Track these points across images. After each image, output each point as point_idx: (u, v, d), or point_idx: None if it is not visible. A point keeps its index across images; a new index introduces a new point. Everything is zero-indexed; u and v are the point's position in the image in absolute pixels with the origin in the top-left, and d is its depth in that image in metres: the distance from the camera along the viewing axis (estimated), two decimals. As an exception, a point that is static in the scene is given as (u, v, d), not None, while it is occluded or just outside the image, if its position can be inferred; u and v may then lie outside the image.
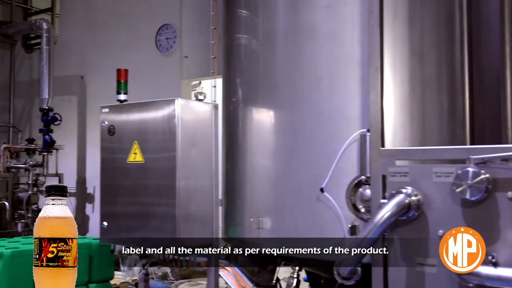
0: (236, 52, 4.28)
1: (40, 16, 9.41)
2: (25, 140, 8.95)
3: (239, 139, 4.19)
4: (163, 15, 8.01)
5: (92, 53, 8.98)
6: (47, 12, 9.71)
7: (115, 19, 8.70)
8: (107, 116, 4.04)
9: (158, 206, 3.76)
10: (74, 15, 9.34)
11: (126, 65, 6.78)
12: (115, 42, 8.65)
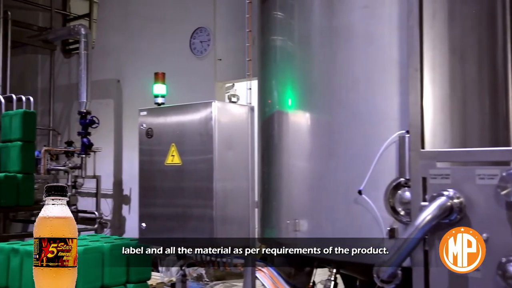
0: (272, 54, 4.28)
1: (78, 22, 9.65)
2: (64, 143, 9.17)
3: (275, 141, 4.19)
4: (197, 18, 8.09)
5: (128, 57, 9.14)
6: (85, 17, 9.95)
7: (150, 24, 8.84)
8: (145, 119, 4.10)
9: (195, 208, 3.79)
10: (111, 21, 9.53)
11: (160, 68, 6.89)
12: (150, 46, 8.78)
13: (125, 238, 5.76)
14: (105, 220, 8.84)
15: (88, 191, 9.03)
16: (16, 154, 6.68)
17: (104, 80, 9.31)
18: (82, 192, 8.94)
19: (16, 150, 6.69)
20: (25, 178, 6.66)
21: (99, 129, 8.54)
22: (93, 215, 8.74)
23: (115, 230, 8.97)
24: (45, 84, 10.24)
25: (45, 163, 8.44)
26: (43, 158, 8.41)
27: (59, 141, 9.60)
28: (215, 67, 7.95)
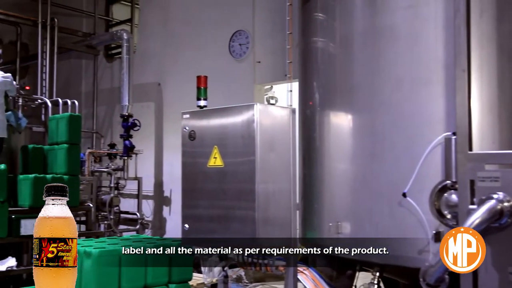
0: (313, 56, 4.28)
1: (121, 27, 9.87)
2: (107, 145, 9.38)
3: (316, 143, 4.18)
4: (236, 21, 8.14)
5: (168, 60, 9.29)
6: (126, 23, 10.17)
7: (190, 27, 8.96)
8: (188, 121, 4.15)
9: (237, 210, 3.82)
10: (152, 25, 9.71)
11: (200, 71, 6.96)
12: (189, 50, 8.90)
13: (167, 238, 5.84)
14: (146, 221, 8.99)
15: (130, 193, 9.21)
16: (62, 156, 6.86)
17: (145, 84, 9.49)
18: (124, 193, 9.12)
19: (62, 153, 6.87)
20: (71, 179, 6.82)
21: (141, 131, 8.70)
22: (135, 216, 8.90)
23: (156, 231, 9.12)
24: (89, 88, 10.51)
25: (89, 165, 8.65)
26: (88, 160, 8.63)
27: (102, 144, 9.83)
28: (254, 70, 7.98)
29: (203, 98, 4.43)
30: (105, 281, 4.75)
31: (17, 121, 7.06)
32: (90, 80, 10.43)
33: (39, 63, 9.03)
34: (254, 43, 7.95)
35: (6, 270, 5.90)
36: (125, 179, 8.74)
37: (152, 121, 9.43)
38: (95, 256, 4.73)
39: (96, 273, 4.71)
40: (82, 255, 4.83)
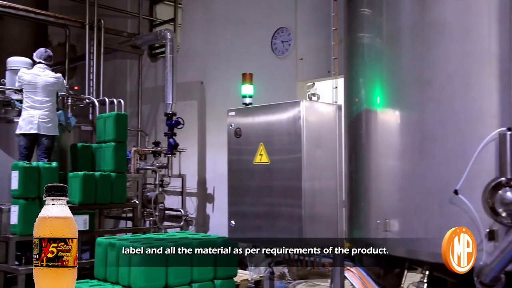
0: (359, 52, 4.23)
1: (164, 27, 10.03)
2: (151, 143, 9.55)
3: (362, 140, 4.14)
4: (279, 18, 8.14)
5: (211, 59, 9.38)
6: (170, 22, 10.32)
7: (232, 26, 9.01)
8: (234, 119, 4.18)
9: (284, 207, 3.82)
10: (194, 24, 9.82)
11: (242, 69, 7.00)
12: (232, 48, 8.95)
13: (212, 235, 5.90)
14: (190, 218, 9.12)
15: (174, 190, 9.35)
16: (109, 154, 7.03)
17: (188, 82, 9.61)
18: (168, 190, 9.27)
19: (109, 151, 7.04)
20: (118, 176, 6.98)
21: (184, 129, 8.81)
22: (179, 213, 9.03)
23: (200, 228, 9.23)
24: (133, 87, 10.73)
25: (134, 162, 8.83)
26: (133, 158, 8.80)
27: (147, 142, 10.01)
28: (297, 67, 7.96)
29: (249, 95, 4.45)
30: (153, 276, 4.86)
31: (66, 120, 7.29)
32: (135, 80, 10.64)
33: (86, 64, 9.28)
34: (297, 40, 7.93)
35: (58, 264, 6.10)
36: (169, 177, 8.87)
37: (195, 119, 9.54)
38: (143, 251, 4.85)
39: (143, 268, 4.82)
40: (131, 250, 4.96)
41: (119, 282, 5.02)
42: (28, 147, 6.56)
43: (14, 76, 6.93)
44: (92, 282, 5.16)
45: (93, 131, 8.18)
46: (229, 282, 5.57)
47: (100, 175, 6.81)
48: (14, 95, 7.05)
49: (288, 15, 7.99)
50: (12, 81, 7.04)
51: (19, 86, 6.65)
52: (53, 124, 6.67)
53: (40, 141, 6.59)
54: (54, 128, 6.69)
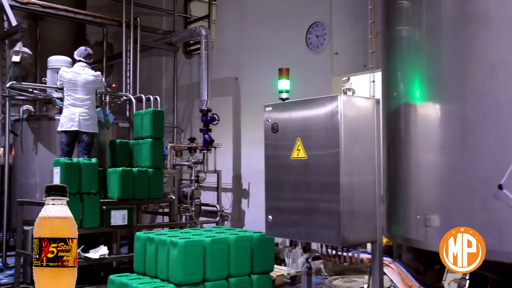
0: (397, 45, 4.17)
1: (199, 24, 10.10)
2: (187, 139, 9.65)
3: (401, 134, 4.08)
4: (313, 13, 8.08)
5: (245, 55, 9.40)
6: (204, 19, 10.39)
7: (266, 21, 9.00)
8: (270, 114, 4.18)
9: (322, 202, 3.80)
10: (229, 20, 9.86)
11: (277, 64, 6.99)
12: (266, 43, 8.95)
13: (248, 230, 5.93)
14: (225, 213, 9.18)
15: (210, 185, 9.43)
16: (147, 150, 7.14)
17: (223, 78, 9.66)
18: (204, 186, 9.35)
19: (147, 147, 7.15)
20: (155, 172, 7.10)
21: (219, 125, 8.86)
22: (215, 208, 9.10)
23: (235, 223, 9.28)
24: (169, 84, 10.86)
25: (171, 158, 8.94)
26: (169, 154, 8.92)
27: (182, 138, 10.12)
28: (332, 61, 7.89)
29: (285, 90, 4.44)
30: (191, 270, 4.92)
31: (105, 117, 7.44)
32: (170, 76, 10.76)
33: (123, 61, 9.45)
34: (332, 34, 7.86)
35: (99, 258, 6.25)
36: (204, 172, 8.93)
37: (230, 115, 9.59)
38: (181, 246, 4.91)
39: (182, 263, 4.89)
40: (169, 245, 5.03)
41: (158, 276, 5.11)
42: (69, 143, 6.73)
43: (55, 74, 7.11)
44: (131, 275, 5.27)
45: (130, 127, 8.33)
46: (265, 277, 5.60)
47: (138, 171, 6.93)
48: (55, 93, 7.24)
49: (323, 9, 7.93)
50: (53, 79, 7.23)
51: (60, 84, 6.83)
52: (93, 121, 6.82)
53: (80, 138, 6.75)
54: (94, 125, 6.84)
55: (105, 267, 7.26)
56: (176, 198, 7.96)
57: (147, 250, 5.31)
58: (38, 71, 8.93)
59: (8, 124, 7.32)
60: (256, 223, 8.13)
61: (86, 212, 6.26)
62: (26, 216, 6.76)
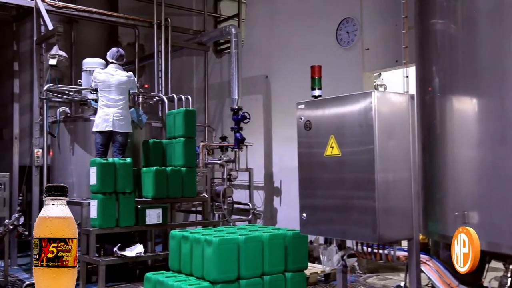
0: (431, 39, 4.09)
1: (229, 23, 10.14)
2: (219, 138, 9.71)
3: (437, 130, 4.01)
4: (344, 9, 8.02)
5: (275, 52, 9.39)
6: (234, 18, 10.42)
7: (296, 18, 8.98)
8: (303, 112, 4.17)
9: (357, 199, 3.77)
10: (258, 18, 9.87)
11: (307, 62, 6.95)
12: (296, 41, 8.92)
13: (281, 228, 5.93)
14: (258, 211, 9.20)
15: (241, 184, 9.47)
16: (180, 149, 7.22)
17: (253, 77, 9.68)
18: (236, 184, 9.39)
19: (179, 146, 7.23)
20: (188, 171, 7.17)
21: (250, 124, 8.88)
22: (247, 206, 9.14)
23: (268, 221, 9.29)
24: (200, 83, 10.95)
25: (203, 157, 9.02)
26: (201, 153, 8.99)
27: (214, 137, 10.18)
28: (363, 57, 7.82)
29: (318, 87, 4.42)
30: (225, 268, 4.96)
31: (138, 117, 7.56)
32: (201, 76, 10.84)
33: (155, 62, 9.56)
34: (362, 30, 7.78)
35: (135, 256, 6.35)
36: (236, 171, 8.97)
37: (260, 113, 9.60)
38: (215, 244, 4.95)
39: (216, 260, 4.93)
40: (203, 243, 5.08)
41: (193, 274, 5.17)
42: (104, 144, 6.86)
43: (90, 76, 7.26)
44: (167, 273, 5.35)
45: (163, 127, 8.43)
46: (299, 275, 5.60)
47: (171, 170, 7.01)
48: (89, 94, 7.39)
49: (353, 5, 7.86)
50: (88, 81, 7.38)
51: (94, 85, 6.96)
52: (127, 122, 6.94)
53: (115, 138, 6.87)
54: (128, 125, 6.95)
55: (140, 265, 7.38)
56: (208, 196, 8.02)
57: (182, 249, 5.38)
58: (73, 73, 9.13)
59: (46, 126, 7.51)
60: (288, 221, 8.13)
61: (122, 211, 6.37)
62: (64, 215, 6.91)
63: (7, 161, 8.59)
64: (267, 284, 5.18)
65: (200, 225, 7.48)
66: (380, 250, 3.87)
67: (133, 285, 6.47)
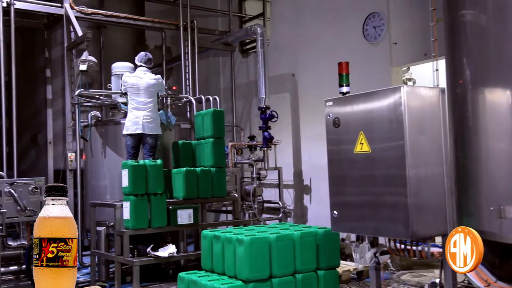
0: (461, 31, 4.02)
1: (254, 22, 10.15)
2: (247, 138, 9.73)
3: (469, 123, 3.93)
4: (369, 3, 7.93)
5: (301, 50, 9.36)
6: (259, 17, 10.43)
7: (321, 15, 8.93)
8: (332, 109, 4.15)
9: (388, 196, 3.73)
10: (283, 17, 9.85)
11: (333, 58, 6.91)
12: (322, 37, 8.87)
13: (312, 226, 5.91)
14: (288, 210, 9.19)
15: (271, 182, 9.47)
16: (209, 150, 7.27)
17: (280, 75, 9.67)
18: (265, 183, 9.40)
19: (209, 147, 7.28)
20: (217, 171, 7.21)
21: (278, 122, 8.87)
22: (277, 205, 9.14)
23: (298, 219, 9.27)
24: (227, 84, 11.00)
25: (232, 157, 9.05)
26: (230, 153, 9.03)
27: (242, 136, 10.21)
28: (391, 52, 7.72)
29: (345, 84, 4.39)
30: (257, 266, 4.97)
31: (167, 119, 7.64)
32: (228, 76, 10.89)
33: (182, 64, 9.66)
34: (389, 25, 7.68)
35: (168, 256, 6.43)
36: (265, 170, 8.97)
37: (288, 112, 9.58)
38: (247, 243, 4.97)
39: (248, 259, 4.95)
40: (235, 242, 5.11)
41: (225, 273, 5.20)
42: (135, 146, 6.96)
43: (119, 80, 7.38)
44: (200, 273, 5.39)
45: (192, 128, 8.50)
46: (332, 272, 5.56)
47: (201, 170, 7.07)
48: (119, 98, 7.51)
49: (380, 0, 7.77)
50: (117, 85, 7.50)
51: (123, 89, 7.08)
52: (156, 124, 7.03)
53: (145, 140, 6.97)
54: (157, 127, 7.04)
55: (173, 265, 7.46)
56: (238, 196, 8.05)
57: (214, 248, 5.41)
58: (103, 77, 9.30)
59: (78, 130, 7.67)
60: (319, 218, 8.09)
61: (154, 212, 6.45)
62: (98, 217, 7.06)
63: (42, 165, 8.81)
64: (300, 282, 5.17)
65: (231, 225, 7.52)
66: (414, 246, 3.82)
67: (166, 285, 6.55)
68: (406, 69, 9.33)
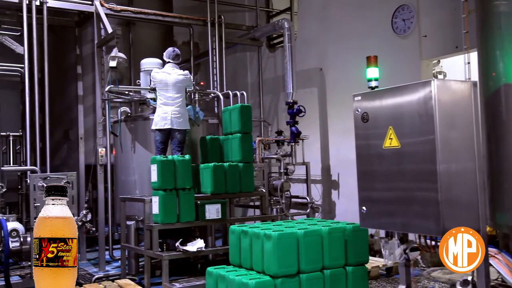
0: (494, 22, 3.92)
1: (281, 17, 10.11)
2: (274, 133, 9.72)
3: (503, 117, 3.84)
4: (399, -4, 7.81)
5: (329, 44, 9.28)
6: (286, 12, 10.38)
7: (349, 9, 8.83)
8: (360, 103, 4.10)
9: (418, 191, 3.67)
10: (311, 11, 9.78)
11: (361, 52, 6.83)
12: (349, 32, 8.78)
13: (340, 222, 5.87)
14: (316, 205, 9.14)
15: (299, 177, 9.44)
16: (236, 145, 7.28)
17: (307, 70, 9.61)
18: (293, 178, 9.37)
19: (236, 142, 7.29)
20: (245, 166, 7.22)
21: (305, 117, 8.83)
22: (305, 200, 9.10)
23: (326, 214, 9.23)
24: (254, 79, 10.99)
25: (259, 152, 9.05)
26: (258, 148, 9.03)
27: (270, 131, 10.20)
28: (420, 45, 7.58)
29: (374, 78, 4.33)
30: (285, 262, 4.96)
31: (195, 114, 7.69)
32: (255, 71, 10.88)
33: (210, 59, 9.69)
34: (419, 17, 7.54)
35: (196, 251, 6.49)
36: (293, 165, 8.95)
37: (316, 106, 9.53)
38: (275, 238, 4.96)
39: (276, 255, 4.94)
40: (263, 238, 5.11)
41: (253, 268, 5.21)
42: (163, 141, 7.03)
43: (148, 76, 7.46)
44: (228, 268, 5.42)
45: (219, 123, 8.54)
46: (360, 268, 5.51)
47: (228, 165, 7.08)
48: (148, 94, 7.59)
49: (409, -8, 7.64)
50: (146, 81, 7.59)
51: (152, 85, 7.15)
52: (184, 119, 7.08)
53: (173, 135, 7.03)
54: (185, 122, 7.09)
55: (201, 260, 7.52)
56: (266, 191, 8.05)
57: (241, 243, 5.43)
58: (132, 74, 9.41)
59: (108, 126, 7.79)
60: (347, 214, 8.03)
61: (182, 207, 6.51)
62: (128, 211, 7.17)
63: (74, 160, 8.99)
64: (328, 278, 5.14)
65: (259, 220, 7.53)
66: (445, 243, 3.75)
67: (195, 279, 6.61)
68: (436, 62, 9.16)
